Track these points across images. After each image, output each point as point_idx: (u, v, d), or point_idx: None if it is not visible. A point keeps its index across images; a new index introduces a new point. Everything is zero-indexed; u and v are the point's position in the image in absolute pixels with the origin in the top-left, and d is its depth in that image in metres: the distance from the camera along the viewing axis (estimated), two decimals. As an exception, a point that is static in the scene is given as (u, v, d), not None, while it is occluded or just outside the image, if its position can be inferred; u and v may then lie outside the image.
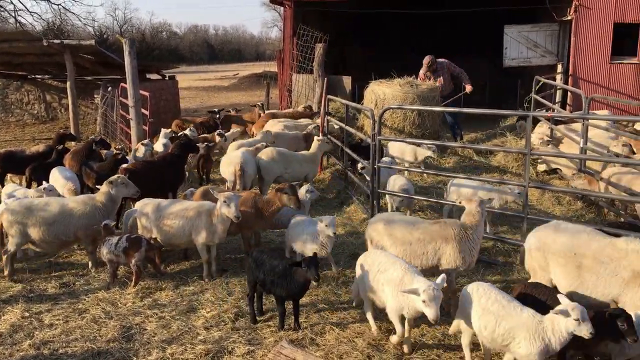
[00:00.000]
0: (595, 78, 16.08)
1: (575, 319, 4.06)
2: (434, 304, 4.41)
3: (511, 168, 11.60)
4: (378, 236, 6.11)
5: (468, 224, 5.77)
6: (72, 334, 5.57)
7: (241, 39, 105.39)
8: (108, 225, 6.94)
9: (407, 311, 4.79)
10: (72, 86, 17.07)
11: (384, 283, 5.01)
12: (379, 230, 6.12)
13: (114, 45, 42.02)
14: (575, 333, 4.10)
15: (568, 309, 4.10)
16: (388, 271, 5.02)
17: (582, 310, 4.10)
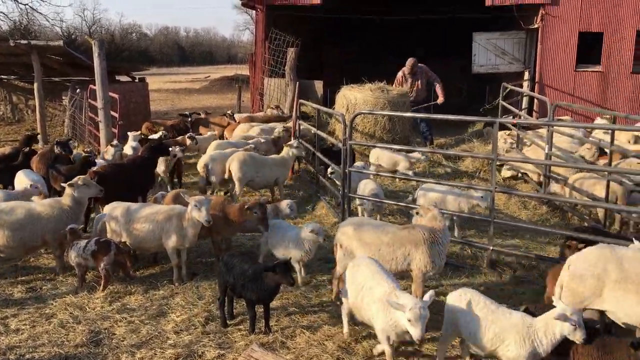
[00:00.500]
0: (561, 85, 16.49)
1: (573, 324, 4.09)
2: (419, 323, 4.25)
3: (479, 173, 11.81)
4: (347, 240, 6.11)
5: (436, 227, 5.86)
6: (39, 339, 5.49)
7: (212, 42, 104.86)
8: (74, 229, 6.86)
9: (394, 334, 4.61)
10: (39, 87, 16.77)
11: (370, 302, 4.84)
12: (348, 234, 6.12)
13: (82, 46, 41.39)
14: (569, 337, 4.12)
15: (566, 313, 4.13)
16: (374, 289, 4.83)
17: (579, 316, 4.15)
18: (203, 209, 6.43)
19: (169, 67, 73.05)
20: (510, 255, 7.34)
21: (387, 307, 4.49)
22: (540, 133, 11.76)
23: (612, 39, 16.11)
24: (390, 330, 4.56)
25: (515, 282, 6.78)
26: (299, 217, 9.19)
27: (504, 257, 7.37)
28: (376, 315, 4.69)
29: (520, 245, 8.08)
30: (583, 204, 8.57)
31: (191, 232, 6.68)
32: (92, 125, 15.66)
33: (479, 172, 11.85)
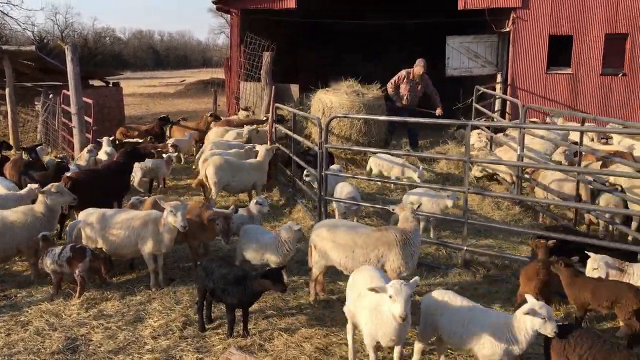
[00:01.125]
0: (532, 88, 16.81)
1: (542, 318, 4.18)
2: (400, 297, 4.17)
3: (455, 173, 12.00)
4: (321, 242, 6.18)
5: (407, 229, 5.95)
6: (15, 347, 5.44)
7: (187, 45, 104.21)
8: (47, 236, 6.82)
9: (381, 334, 4.51)
10: (11, 93, 16.51)
11: (361, 310, 4.74)
12: (322, 236, 6.20)
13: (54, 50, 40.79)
14: (540, 331, 4.22)
15: (535, 308, 4.22)
16: (365, 297, 4.68)
17: (548, 309, 4.23)
18: (179, 214, 6.44)
19: (143, 71, 72.44)
20: (484, 255, 7.48)
21: (376, 311, 4.46)
22: (512, 135, 12.00)
23: (582, 42, 16.48)
24: (377, 333, 4.51)
25: (489, 282, 6.91)
26: (275, 221, 9.24)
27: (477, 257, 7.51)
28: (362, 318, 4.66)
29: (493, 245, 8.23)
30: (554, 204, 8.76)
31: (167, 238, 6.66)
32: (66, 130, 15.50)
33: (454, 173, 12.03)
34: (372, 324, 4.49)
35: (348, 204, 8.56)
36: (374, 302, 4.50)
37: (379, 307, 4.44)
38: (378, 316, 4.45)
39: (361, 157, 12.87)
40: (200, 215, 7.11)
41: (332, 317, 5.95)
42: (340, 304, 6.05)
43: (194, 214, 7.09)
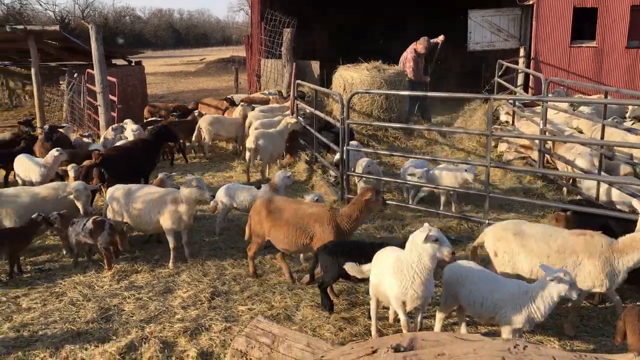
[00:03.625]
0: (556, 61, 16.59)
1: (567, 283, 4.31)
2: (443, 237, 4.40)
3: (475, 150, 11.98)
4: (506, 247, 5.46)
5: None
6: (51, 317, 5.68)
7: (207, 23, 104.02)
8: (61, 213, 7.05)
9: (408, 298, 4.60)
10: (36, 73, 16.78)
11: (385, 274, 4.78)
12: (507, 240, 5.46)
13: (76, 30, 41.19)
14: (566, 296, 4.35)
15: (560, 274, 4.35)
16: (388, 259, 4.80)
17: (570, 275, 4.39)
18: (204, 186, 6.65)
19: (163, 50, 72.64)
20: (506, 228, 7.51)
21: (400, 272, 4.56)
22: (535, 109, 11.92)
23: (607, 14, 16.17)
24: (404, 294, 4.60)
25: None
26: (298, 197, 9.37)
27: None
28: (390, 283, 4.67)
29: (515, 219, 8.25)
30: (576, 177, 8.74)
31: (185, 214, 6.82)
32: (91, 109, 15.77)
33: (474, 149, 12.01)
34: (399, 286, 4.58)
35: (370, 179, 8.65)
36: (399, 266, 4.59)
37: (404, 269, 4.54)
38: (404, 277, 4.54)
39: (382, 132, 12.90)
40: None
41: (358, 291, 6.08)
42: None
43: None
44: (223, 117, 12.77)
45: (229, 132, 12.29)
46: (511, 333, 4.57)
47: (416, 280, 4.50)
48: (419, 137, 12.78)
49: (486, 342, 3.44)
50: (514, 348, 3.24)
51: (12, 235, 6.73)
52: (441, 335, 3.81)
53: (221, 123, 12.20)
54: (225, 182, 10.06)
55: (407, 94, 11.47)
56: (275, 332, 4.39)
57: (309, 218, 6.04)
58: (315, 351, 4.11)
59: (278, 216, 6.18)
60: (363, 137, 12.45)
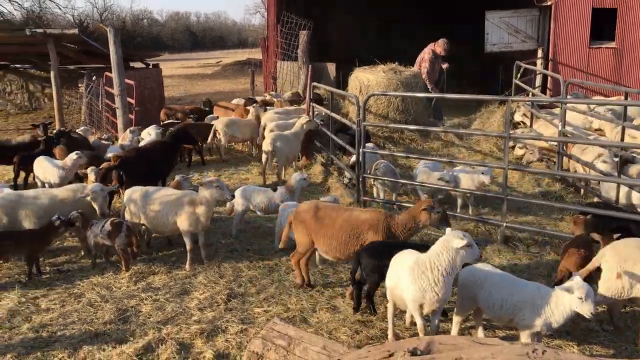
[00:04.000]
0: (575, 62, 16.41)
1: (579, 297, 4.21)
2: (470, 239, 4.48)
3: (492, 152, 11.89)
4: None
5: None
6: (69, 317, 5.73)
7: (223, 26, 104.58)
8: (81, 212, 7.10)
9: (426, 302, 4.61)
10: (55, 75, 17.01)
11: (400, 277, 4.79)
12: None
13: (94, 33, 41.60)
14: (577, 310, 4.26)
15: (574, 287, 4.26)
16: (405, 262, 4.80)
17: (588, 290, 4.24)
18: (224, 187, 6.68)
19: (180, 53, 73.14)
20: (524, 231, 7.47)
21: (422, 274, 4.55)
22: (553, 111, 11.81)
23: (626, 14, 15.97)
24: (422, 297, 4.58)
25: (529, 258, 6.91)
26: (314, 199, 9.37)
27: (517, 233, 7.50)
28: (407, 286, 4.66)
29: (533, 222, 8.19)
30: (595, 179, 8.64)
31: (203, 216, 6.83)
32: (109, 111, 15.92)
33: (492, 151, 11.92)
34: (416, 289, 4.57)
35: (386, 181, 8.63)
36: (419, 269, 4.58)
37: (425, 272, 4.54)
38: (423, 280, 4.54)
39: (399, 135, 12.86)
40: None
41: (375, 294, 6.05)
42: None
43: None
44: (238, 119, 12.82)
45: (244, 134, 12.33)
46: (530, 337, 4.52)
47: (439, 282, 4.49)
48: (435, 139, 12.73)
49: (504, 346, 3.41)
50: (532, 352, 3.20)
51: (31, 237, 6.80)
52: (459, 339, 3.78)
53: (236, 125, 12.24)
54: (241, 184, 10.10)
55: (424, 96, 11.42)
56: (292, 334, 4.39)
57: (363, 224, 5.85)
58: (331, 354, 4.10)
59: (329, 223, 5.96)
60: (379, 139, 12.43)
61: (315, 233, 6.02)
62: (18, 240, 6.71)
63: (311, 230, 6.04)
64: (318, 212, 6.09)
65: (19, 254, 6.86)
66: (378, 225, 5.82)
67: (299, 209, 6.28)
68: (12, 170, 10.56)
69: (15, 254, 6.85)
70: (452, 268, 4.51)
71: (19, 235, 6.82)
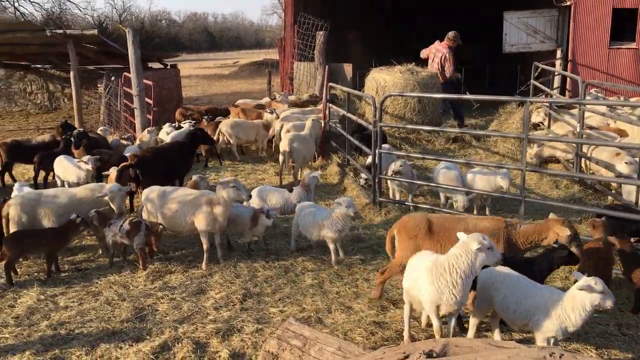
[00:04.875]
0: (594, 63, 16.23)
1: (600, 292, 4.17)
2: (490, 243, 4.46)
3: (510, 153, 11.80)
4: None
5: None
6: (87, 315, 5.80)
7: (240, 27, 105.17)
8: (100, 211, 7.18)
9: (443, 303, 4.58)
10: (75, 75, 17.21)
11: (417, 278, 4.75)
12: None
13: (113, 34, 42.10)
14: (599, 307, 4.21)
15: (590, 283, 4.20)
16: (423, 263, 4.74)
17: (603, 283, 4.22)
18: (242, 187, 6.70)
19: (198, 53, 73.63)
20: (542, 233, 7.37)
21: (440, 275, 4.52)
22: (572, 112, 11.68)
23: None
24: (439, 299, 4.55)
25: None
26: (329, 199, 9.38)
27: (535, 235, 7.41)
28: (425, 287, 4.63)
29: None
30: (614, 182, 8.53)
31: (221, 216, 6.86)
32: (127, 112, 16.06)
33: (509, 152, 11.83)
34: (434, 290, 4.54)
35: (403, 182, 8.60)
36: (438, 271, 4.55)
37: (444, 273, 4.50)
38: (441, 281, 4.51)
39: (415, 135, 12.82)
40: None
41: (389, 296, 6.05)
42: (393, 287, 6.17)
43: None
44: (243, 120, 12.83)
45: (248, 135, 12.40)
46: (545, 341, 4.47)
47: (458, 284, 4.46)
48: (453, 142, 12.67)
49: (521, 349, 3.38)
50: (549, 356, 3.17)
51: (51, 235, 6.88)
52: (475, 341, 3.75)
53: (241, 127, 12.27)
54: (257, 184, 10.14)
55: (441, 97, 11.39)
56: (307, 335, 4.39)
57: (483, 233, 5.45)
58: (346, 355, 4.09)
59: (445, 237, 5.56)
60: (395, 140, 12.40)
61: (431, 247, 5.53)
62: (38, 239, 6.79)
63: (425, 247, 5.51)
64: (432, 227, 5.69)
65: (39, 252, 6.95)
66: (499, 233, 5.55)
67: (408, 224, 5.78)
68: (33, 170, 10.70)
69: (35, 252, 6.93)
70: (471, 270, 4.48)
71: (38, 234, 6.91)
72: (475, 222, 5.71)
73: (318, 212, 7.04)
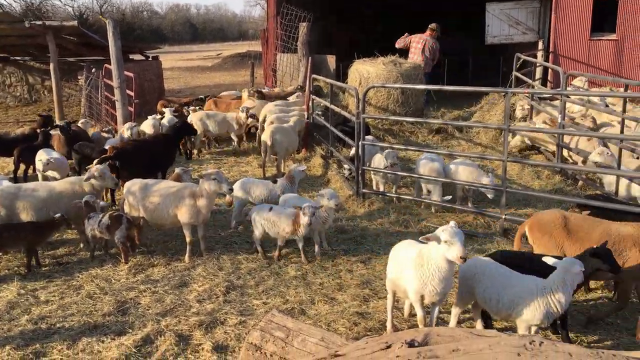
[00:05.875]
0: (575, 54, 16.35)
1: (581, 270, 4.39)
2: (457, 239, 4.28)
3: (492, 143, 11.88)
4: None
5: None
6: (69, 309, 5.74)
7: (223, 18, 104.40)
8: (88, 201, 7.09)
9: (427, 292, 4.60)
10: (55, 68, 16.97)
11: (404, 269, 4.78)
12: None
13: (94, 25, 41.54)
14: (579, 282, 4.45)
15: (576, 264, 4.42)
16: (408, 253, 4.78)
17: (580, 263, 4.44)
18: (223, 180, 6.65)
19: (180, 45, 72.97)
20: (523, 223, 7.45)
21: (421, 266, 4.54)
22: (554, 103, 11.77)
23: (628, 6, 15.88)
24: (423, 289, 4.58)
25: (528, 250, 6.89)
26: (313, 191, 9.38)
27: (516, 225, 7.48)
28: (410, 276, 4.66)
29: (532, 214, 8.16)
30: (595, 172, 8.63)
31: (204, 208, 6.83)
32: (109, 104, 15.87)
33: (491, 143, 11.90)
34: (418, 280, 4.57)
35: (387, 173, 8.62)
36: (420, 260, 4.57)
37: (425, 264, 4.52)
38: (424, 272, 4.53)
39: (398, 127, 12.85)
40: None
41: (373, 287, 6.07)
42: (376, 278, 6.19)
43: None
44: (213, 112, 12.63)
45: (217, 128, 12.13)
46: (527, 329, 4.53)
47: (435, 276, 4.49)
48: (436, 133, 12.71)
49: (502, 338, 3.40)
50: (529, 344, 3.20)
51: (29, 230, 6.79)
52: (456, 330, 3.78)
53: (210, 119, 12.11)
54: (240, 176, 10.10)
55: (424, 88, 11.41)
56: (290, 326, 4.39)
57: (626, 240, 5.19)
58: (329, 345, 4.10)
59: (584, 237, 5.36)
60: (379, 132, 12.42)
61: (567, 247, 5.40)
62: (17, 233, 6.71)
63: (561, 244, 5.42)
64: (568, 223, 5.50)
65: (18, 247, 6.86)
66: None
67: (542, 219, 5.66)
68: (12, 163, 10.55)
69: (14, 246, 6.84)
70: (439, 263, 4.46)
71: (17, 228, 6.82)
72: (617, 227, 5.36)
73: (301, 203, 7.02)
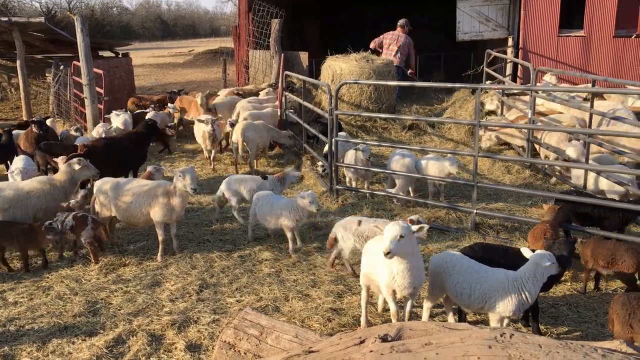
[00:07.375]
0: (544, 51, 16.59)
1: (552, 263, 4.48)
2: (385, 235, 4.33)
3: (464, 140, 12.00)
4: None
5: None
6: (38, 311, 5.63)
7: (195, 14, 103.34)
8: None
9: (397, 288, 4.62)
10: (22, 65, 16.61)
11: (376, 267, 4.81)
12: None
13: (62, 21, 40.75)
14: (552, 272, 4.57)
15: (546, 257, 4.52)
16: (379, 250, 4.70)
17: (551, 255, 4.59)
18: (187, 178, 6.53)
19: (151, 42, 72.08)
20: (494, 217, 7.56)
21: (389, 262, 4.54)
22: (523, 99, 11.94)
23: (594, 3, 16.18)
24: (392, 283, 4.60)
25: (499, 243, 6.98)
26: (288, 188, 9.35)
27: (487, 219, 7.59)
28: (380, 271, 4.70)
29: (503, 209, 8.29)
30: (564, 166, 8.78)
31: (178, 206, 6.76)
32: (77, 102, 15.60)
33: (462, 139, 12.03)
34: (388, 275, 4.59)
35: (359, 169, 8.64)
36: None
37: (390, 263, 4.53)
38: (390, 267, 4.55)
39: (371, 123, 12.89)
40: None
41: (347, 282, 6.09)
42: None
43: None
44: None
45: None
46: (499, 322, 4.59)
47: (400, 270, 4.51)
48: (409, 129, 12.79)
49: (473, 331, 3.45)
50: (500, 336, 3.24)
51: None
52: (429, 324, 3.81)
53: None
54: (212, 173, 10.04)
55: (396, 84, 11.46)
56: (264, 323, 4.38)
57: None
58: (303, 342, 4.10)
59: None
60: (352, 128, 12.44)
61: None
62: None
63: None
64: None
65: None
66: None
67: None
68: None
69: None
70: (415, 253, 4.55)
71: None
72: None
73: (276, 200, 7.02)
